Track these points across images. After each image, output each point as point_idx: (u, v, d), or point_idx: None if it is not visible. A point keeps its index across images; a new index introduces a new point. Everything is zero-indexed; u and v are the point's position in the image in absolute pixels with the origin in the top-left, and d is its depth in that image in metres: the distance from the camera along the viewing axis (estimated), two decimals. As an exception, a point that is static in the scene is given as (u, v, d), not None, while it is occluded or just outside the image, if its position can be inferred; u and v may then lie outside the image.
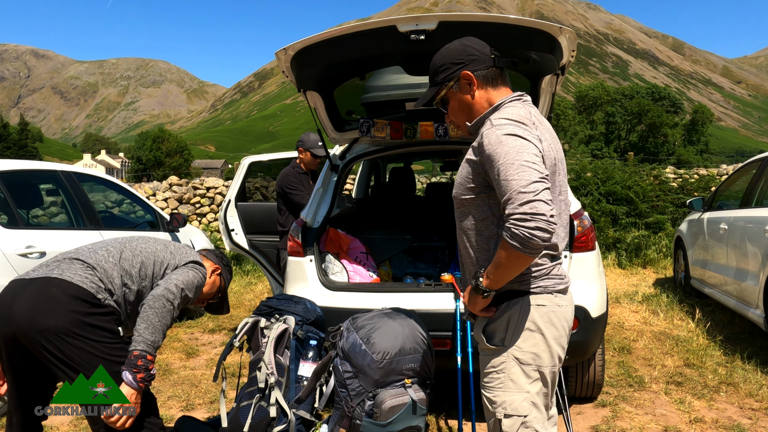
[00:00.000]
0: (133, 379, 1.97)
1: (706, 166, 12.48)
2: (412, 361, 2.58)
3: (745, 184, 5.11)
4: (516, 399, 1.71)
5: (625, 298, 6.15)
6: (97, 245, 2.24)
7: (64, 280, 2.00)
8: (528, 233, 1.48)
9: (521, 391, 1.72)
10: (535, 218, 1.48)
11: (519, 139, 1.60)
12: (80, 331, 1.95)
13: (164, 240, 2.39)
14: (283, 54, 2.91)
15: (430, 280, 3.72)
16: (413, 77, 3.48)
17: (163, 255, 2.26)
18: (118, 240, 2.30)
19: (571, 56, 2.82)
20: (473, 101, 1.80)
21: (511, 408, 1.71)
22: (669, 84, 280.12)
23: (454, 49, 1.80)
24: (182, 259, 2.28)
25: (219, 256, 2.60)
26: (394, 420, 2.50)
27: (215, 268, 2.52)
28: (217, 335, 5.22)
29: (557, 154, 1.76)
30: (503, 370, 1.74)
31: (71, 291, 1.98)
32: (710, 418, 3.17)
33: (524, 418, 1.71)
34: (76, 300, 1.97)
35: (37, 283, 2.00)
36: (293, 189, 4.37)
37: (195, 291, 2.24)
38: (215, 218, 10.05)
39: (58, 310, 1.93)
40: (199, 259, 2.37)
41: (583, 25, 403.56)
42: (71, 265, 2.08)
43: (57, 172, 4.33)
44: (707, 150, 73.31)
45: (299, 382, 2.90)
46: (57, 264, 2.10)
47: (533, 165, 1.55)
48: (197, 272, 2.27)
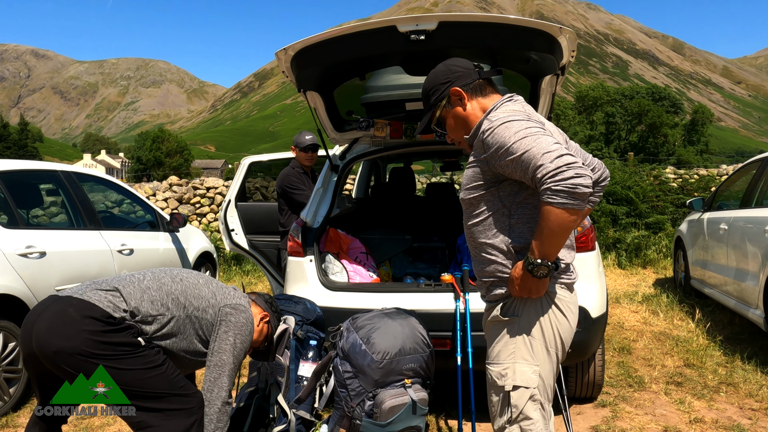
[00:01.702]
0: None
1: (706, 167, 12.48)
2: (412, 361, 2.58)
3: (745, 184, 5.11)
4: (526, 371, 1.75)
5: (625, 299, 6.15)
6: (138, 274, 2.19)
7: (82, 300, 1.97)
8: (570, 183, 1.51)
9: (530, 363, 1.75)
10: (570, 167, 1.52)
11: (520, 122, 1.66)
12: (95, 350, 1.91)
13: (206, 277, 2.31)
14: (283, 54, 2.91)
15: (430, 280, 3.72)
16: (413, 77, 3.48)
17: (206, 291, 2.21)
18: (160, 270, 2.24)
19: (571, 56, 2.82)
20: (467, 113, 1.86)
21: (521, 379, 1.75)
22: (669, 84, 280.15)
23: (439, 72, 1.90)
24: (223, 300, 2.21)
25: (269, 302, 2.47)
26: (394, 420, 2.50)
27: (264, 315, 2.40)
28: (217, 335, 5.21)
29: None
30: (514, 342, 1.78)
31: (86, 311, 1.94)
32: (710, 418, 3.17)
33: (533, 390, 1.74)
34: (90, 319, 1.93)
35: (60, 302, 1.98)
36: (294, 188, 4.40)
37: (248, 338, 2.21)
38: (215, 218, 10.05)
39: (71, 330, 1.91)
40: (244, 302, 2.28)
41: (583, 25, 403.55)
42: (100, 289, 2.04)
43: (57, 172, 4.33)
44: (707, 150, 73.31)
45: (299, 382, 2.90)
46: (89, 286, 2.06)
47: (545, 134, 1.61)
48: (241, 342, 2.19)
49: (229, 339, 2.15)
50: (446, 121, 1.92)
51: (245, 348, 2.21)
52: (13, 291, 3.42)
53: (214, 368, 2.14)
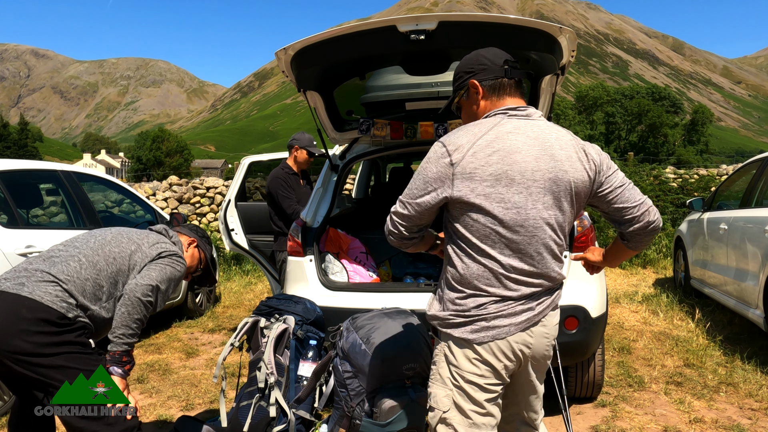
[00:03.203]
0: (122, 370, 2.05)
1: (706, 166, 12.48)
2: (412, 361, 2.58)
3: (745, 184, 5.11)
4: (439, 393, 1.75)
5: (625, 298, 6.15)
6: (70, 252, 2.13)
7: (34, 300, 1.93)
8: (385, 230, 1.87)
9: (445, 386, 1.74)
10: (391, 217, 1.82)
11: (426, 164, 1.71)
12: (50, 350, 1.91)
13: (134, 234, 2.31)
14: (283, 54, 2.90)
15: (430, 280, 3.72)
16: (413, 77, 3.48)
17: (137, 257, 2.21)
18: (90, 244, 2.18)
19: (571, 56, 2.82)
20: (477, 111, 1.80)
21: (434, 401, 1.76)
22: (669, 84, 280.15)
23: (469, 59, 1.82)
24: (152, 253, 2.24)
25: (194, 229, 2.62)
26: (394, 420, 2.50)
27: (191, 241, 2.55)
28: (217, 335, 5.22)
29: (511, 166, 1.63)
30: (435, 362, 1.80)
31: (41, 314, 1.91)
32: (710, 418, 3.17)
33: (443, 414, 1.73)
34: (46, 323, 1.91)
35: (8, 300, 1.93)
36: (282, 191, 4.31)
37: (173, 283, 2.24)
38: (215, 218, 10.05)
39: (26, 333, 1.88)
40: (171, 247, 2.32)
41: (583, 25, 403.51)
42: (42, 281, 2.00)
43: (57, 172, 4.33)
44: (707, 150, 73.36)
45: (299, 382, 2.90)
46: (28, 276, 2.01)
47: (422, 180, 1.70)
48: (173, 266, 2.25)
49: (152, 271, 2.18)
50: (462, 110, 1.88)
51: (168, 281, 2.21)
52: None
53: (140, 277, 2.15)
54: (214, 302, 6.46)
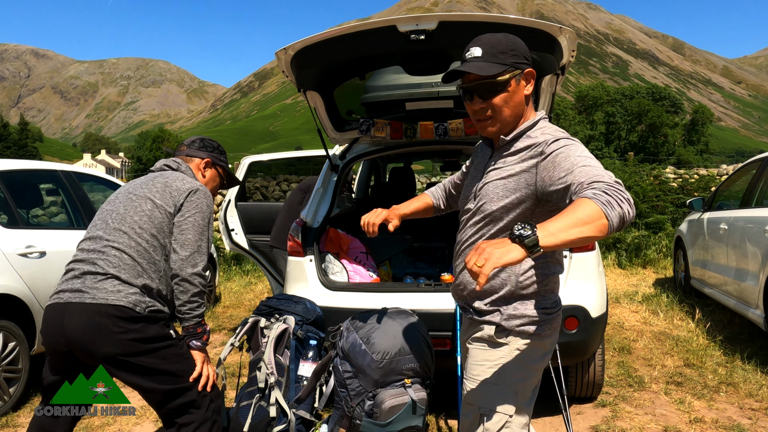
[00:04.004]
0: (201, 342, 2.10)
1: (706, 166, 12.50)
2: (412, 361, 2.58)
3: (745, 184, 5.11)
4: (506, 397, 1.68)
5: (625, 298, 6.15)
6: (101, 242, 2.04)
7: (101, 305, 1.92)
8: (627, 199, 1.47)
9: (511, 390, 1.68)
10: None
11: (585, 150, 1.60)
12: (139, 349, 1.93)
13: (139, 190, 2.15)
14: (283, 54, 2.90)
15: (430, 280, 3.72)
16: (413, 77, 3.48)
17: (157, 216, 2.08)
18: (117, 227, 2.06)
19: (571, 56, 2.82)
20: (520, 102, 1.68)
21: (500, 406, 1.67)
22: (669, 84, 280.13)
23: (522, 45, 1.69)
24: (170, 205, 2.10)
25: (203, 146, 2.38)
26: (394, 420, 2.50)
27: (206, 162, 2.35)
28: (217, 335, 5.22)
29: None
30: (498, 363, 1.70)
31: (114, 313, 1.91)
32: (710, 418, 3.17)
33: (509, 418, 1.66)
34: (122, 320, 1.91)
35: (77, 311, 1.92)
36: None
37: (207, 221, 2.15)
38: (215, 218, 10.05)
39: (110, 338, 1.90)
40: (185, 185, 2.15)
41: (583, 25, 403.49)
42: (99, 281, 1.97)
43: (57, 172, 4.33)
44: (707, 150, 73.38)
45: (299, 382, 2.90)
46: (82, 281, 1.98)
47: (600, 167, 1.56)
48: (199, 210, 2.12)
49: (188, 219, 2.09)
50: (501, 91, 1.63)
51: (206, 221, 2.14)
52: (13, 291, 3.42)
53: (180, 248, 2.07)
54: (214, 302, 6.46)
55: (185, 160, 2.35)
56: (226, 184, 2.51)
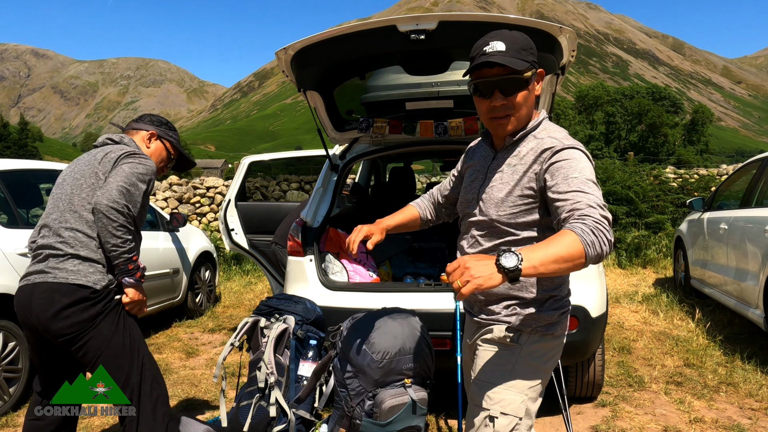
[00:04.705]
0: (134, 279, 2.11)
1: (706, 166, 12.49)
2: (411, 360, 2.58)
3: (745, 184, 5.11)
4: (516, 399, 1.66)
5: (625, 298, 6.15)
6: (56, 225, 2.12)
7: (61, 284, 2.02)
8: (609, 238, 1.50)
9: (521, 392, 1.66)
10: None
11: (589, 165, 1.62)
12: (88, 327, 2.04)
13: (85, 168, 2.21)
14: (283, 54, 2.90)
15: (430, 280, 3.72)
16: (413, 77, 3.47)
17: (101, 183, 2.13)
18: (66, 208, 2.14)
19: (571, 56, 2.81)
20: (532, 103, 1.67)
21: (510, 408, 1.64)
22: (669, 84, 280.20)
23: (534, 45, 1.66)
24: (108, 167, 2.14)
25: (149, 120, 2.41)
26: (394, 420, 2.50)
27: (150, 134, 2.36)
28: (217, 335, 5.22)
29: None
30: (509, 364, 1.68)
31: (74, 294, 2.02)
32: (710, 418, 3.17)
33: (519, 421, 1.64)
34: (83, 301, 2.02)
35: (39, 290, 2.05)
36: None
37: (144, 181, 2.14)
38: (215, 218, 10.05)
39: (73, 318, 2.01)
40: (123, 149, 2.18)
41: (583, 25, 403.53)
42: (60, 262, 2.05)
43: (57, 172, 4.33)
44: (707, 150, 73.37)
45: (299, 381, 2.90)
46: (45, 263, 2.08)
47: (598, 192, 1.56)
48: (133, 164, 2.12)
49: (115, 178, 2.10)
50: (520, 90, 1.60)
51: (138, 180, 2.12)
52: (13, 291, 3.42)
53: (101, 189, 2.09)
54: (214, 302, 6.46)
55: (129, 133, 2.37)
56: (175, 161, 2.47)
